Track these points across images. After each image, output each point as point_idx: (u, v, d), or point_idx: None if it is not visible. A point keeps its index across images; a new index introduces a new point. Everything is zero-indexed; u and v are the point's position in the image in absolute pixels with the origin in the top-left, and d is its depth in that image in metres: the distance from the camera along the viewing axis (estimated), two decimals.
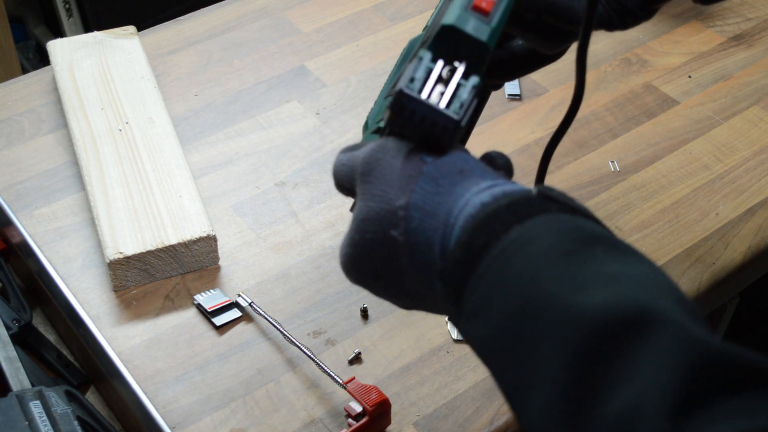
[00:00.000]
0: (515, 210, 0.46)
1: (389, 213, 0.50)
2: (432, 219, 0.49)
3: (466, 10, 0.52)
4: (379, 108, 0.67)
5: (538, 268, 0.43)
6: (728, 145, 1.00)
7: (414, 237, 0.50)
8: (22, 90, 1.06)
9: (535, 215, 0.46)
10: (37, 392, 0.70)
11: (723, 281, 0.87)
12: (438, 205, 0.49)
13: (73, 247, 0.87)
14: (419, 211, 0.49)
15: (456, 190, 0.49)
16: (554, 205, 0.47)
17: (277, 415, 0.74)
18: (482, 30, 0.53)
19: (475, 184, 0.49)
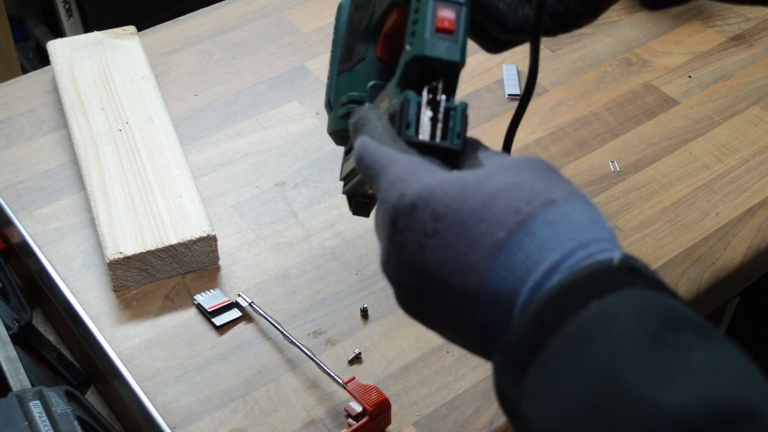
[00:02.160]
0: (595, 282, 0.41)
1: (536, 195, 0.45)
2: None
3: (432, 35, 0.52)
4: (336, 86, 0.67)
5: (618, 353, 0.38)
6: (728, 145, 1.00)
7: (530, 228, 0.44)
8: (22, 90, 1.06)
9: (618, 290, 0.41)
10: (37, 392, 0.70)
11: (723, 281, 0.87)
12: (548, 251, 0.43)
13: (73, 247, 0.87)
14: (532, 234, 0.44)
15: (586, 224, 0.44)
16: (638, 279, 0.42)
17: (277, 415, 0.74)
18: (453, 50, 0.53)
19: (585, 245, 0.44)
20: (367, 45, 0.65)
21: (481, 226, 0.45)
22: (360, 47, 0.65)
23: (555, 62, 1.11)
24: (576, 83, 1.08)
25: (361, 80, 0.65)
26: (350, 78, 0.65)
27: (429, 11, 0.52)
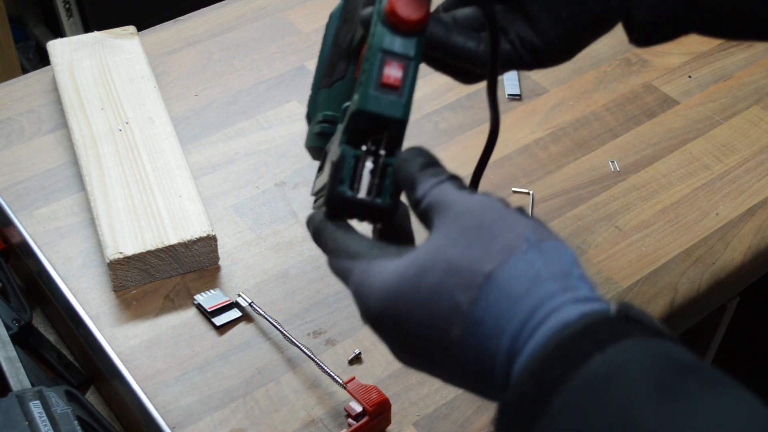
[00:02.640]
0: (595, 335, 0.40)
1: (466, 269, 0.44)
2: (512, 305, 0.43)
3: (376, 90, 0.51)
4: (315, 100, 0.66)
5: (628, 408, 0.37)
6: (728, 145, 1.00)
7: (480, 315, 0.44)
8: (22, 90, 1.06)
9: (618, 341, 0.40)
10: (37, 392, 0.70)
11: (723, 281, 0.87)
12: (524, 294, 0.43)
13: (73, 247, 0.87)
14: (501, 289, 0.43)
15: (547, 284, 0.43)
16: (637, 328, 0.41)
17: (277, 415, 0.74)
18: (396, 107, 0.52)
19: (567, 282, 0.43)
20: (347, 63, 0.63)
21: (436, 326, 0.45)
22: (341, 64, 0.63)
23: None
24: (576, 83, 1.08)
25: (337, 99, 0.62)
26: (329, 95, 0.64)
27: (376, 65, 0.51)
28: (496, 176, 0.96)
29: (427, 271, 0.45)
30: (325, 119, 0.63)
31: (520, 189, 0.95)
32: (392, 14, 0.50)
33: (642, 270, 0.87)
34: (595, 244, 0.89)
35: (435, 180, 0.49)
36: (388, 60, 0.51)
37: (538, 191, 0.94)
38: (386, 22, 0.51)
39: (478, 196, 0.47)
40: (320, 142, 0.63)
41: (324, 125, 0.63)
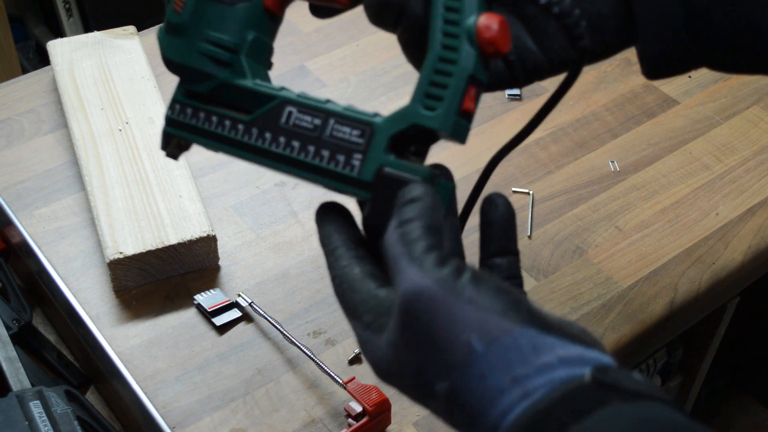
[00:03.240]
0: (570, 405, 0.39)
1: (428, 383, 0.44)
2: (473, 426, 0.42)
3: (457, 115, 0.49)
4: (197, 6, 0.56)
5: None
6: (728, 145, 1.01)
7: (452, 423, 0.44)
8: (22, 90, 1.06)
9: (594, 410, 0.39)
10: (37, 392, 0.70)
11: (723, 281, 0.87)
12: (481, 415, 0.42)
13: (73, 247, 0.87)
14: (461, 409, 0.43)
15: (502, 399, 0.42)
16: (613, 394, 0.40)
17: (277, 415, 0.74)
18: (465, 132, 0.50)
19: (521, 389, 0.41)
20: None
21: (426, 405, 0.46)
22: None
23: None
24: (576, 83, 1.08)
25: (238, 25, 0.55)
26: (225, 13, 0.55)
27: (461, 89, 0.48)
28: (496, 176, 0.96)
29: (400, 370, 0.46)
30: (221, 44, 0.55)
31: (520, 189, 0.95)
32: (489, 43, 0.48)
33: (642, 270, 0.87)
34: (595, 244, 0.89)
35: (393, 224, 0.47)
36: (470, 85, 0.49)
37: (538, 191, 0.94)
38: (476, 45, 0.48)
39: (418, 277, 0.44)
40: (202, 62, 0.55)
41: (218, 50, 0.55)
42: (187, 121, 0.56)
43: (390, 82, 1.09)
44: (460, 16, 0.48)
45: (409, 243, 0.45)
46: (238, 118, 0.54)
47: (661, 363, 1.08)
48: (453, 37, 0.48)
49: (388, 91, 1.07)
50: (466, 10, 0.48)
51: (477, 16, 0.48)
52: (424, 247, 0.44)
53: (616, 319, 0.82)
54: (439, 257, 0.44)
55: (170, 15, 0.57)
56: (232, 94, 0.55)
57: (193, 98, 0.56)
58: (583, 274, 0.86)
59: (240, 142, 0.54)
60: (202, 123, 0.56)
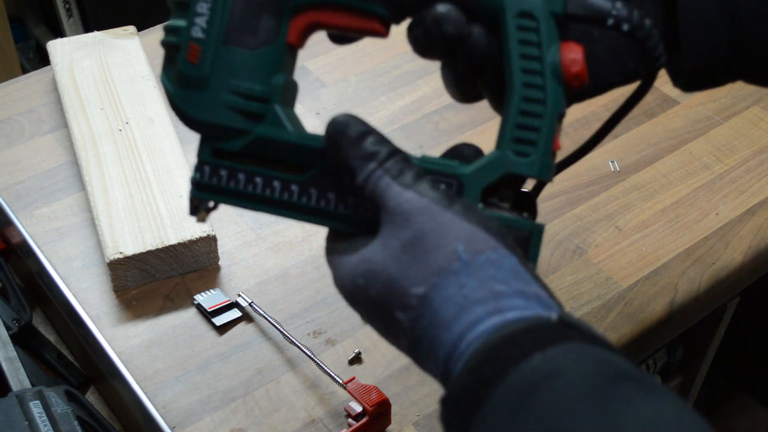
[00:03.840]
0: (535, 336, 0.41)
1: (402, 291, 0.44)
2: (442, 331, 0.43)
3: (550, 157, 0.47)
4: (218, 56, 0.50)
5: (564, 407, 0.38)
6: (728, 145, 1.00)
7: (418, 334, 0.45)
8: (22, 90, 1.06)
9: (558, 342, 0.40)
10: (37, 392, 0.70)
11: (723, 281, 0.87)
12: (452, 320, 0.43)
13: (73, 247, 0.87)
14: (433, 314, 0.44)
15: (475, 309, 0.43)
16: (576, 334, 0.41)
17: (277, 415, 0.74)
18: (551, 170, 0.48)
19: (495, 304, 0.43)
20: (277, 21, 0.49)
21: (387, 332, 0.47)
22: (268, 21, 0.49)
23: None
24: None
25: (266, 70, 0.50)
26: (250, 59, 0.49)
27: (552, 130, 0.46)
28: None
29: (372, 282, 0.46)
30: (251, 95, 0.50)
31: None
32: (575, 77, 0.45)
33: (642, 270, 0.87)
34: (595, 244, 0.89)
35: (373, 165, 0.46)
36: (558, 122, 0.46)
37: None
38: (563, 81, 0.45)
39: (413, 197, 0.45)
40: (232, 119, 0.50)
41: (242, 100, 0.50)
42: (223, 185, 0.50)
43: (390, 82, 1.09)
44: (540, 51, 0.45)
45: (397, 175, 0.46)
46: (289, 179, 0.49)
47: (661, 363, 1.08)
48: (536, 74, 0.45)
49: (388, 91, 1.07)
50: (544, 43, 0.45)
51: (558, 49, 0.45)
52: (413, 175, 0.46)
53: (616, 319, 0.82)
54: (431, 181, 0.46)
55: (185, 68, 0.50)
56: (270, 149, 0.49)
57: (223, 157, 0.50)
58: (583, 274, 0.86)
59: (296, 204, 0.49)
60: (243, 186, 0.50)
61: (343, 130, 0.47)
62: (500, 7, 0.45)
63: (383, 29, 0.50)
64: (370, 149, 0.46)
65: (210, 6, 0.49)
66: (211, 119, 0.50)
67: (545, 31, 0.45)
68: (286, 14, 0.49)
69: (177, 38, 0.50)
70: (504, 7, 0.45)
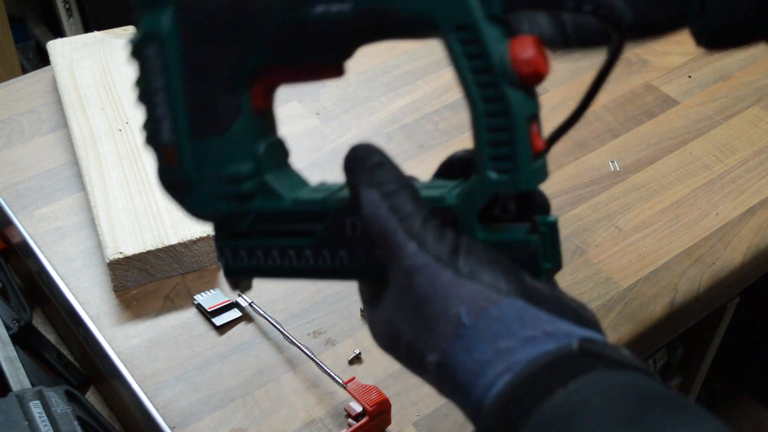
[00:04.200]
0: (557, 370, 0.40)
1: (420, 355, 0.45)
2: (463, 396, 0.43)
3: (533, 162, 0.44)
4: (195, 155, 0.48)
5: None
6: (728, 145, 1.00)
7: (445, 393, 0.45)
8: (22, 90, 1.06)
9: (580, 375, 0.39)
10: (37, 392, 0.70)
11: (723, 281, 0.87)
12: (470, 385, 0.42)
13: (73, 247, 0.87)
14: (451, 379, 0.43)
15: (487, 372, 0.42)
16: (599, 362, 0.40)
17: (277, 415, 0.74)
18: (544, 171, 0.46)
19: (504, 362, 0.42)
20: (235, 98, 0.47)
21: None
22: (228, 99, 0.48)
23: (555, 62, 1.11)
24: (576, 83, 1.08)
25: (243, 146, 0.48)
26: (225, 144, 0.48)
27: (526, 136, 0.43)
28: None
29: (395, 343, 0.46)
30: (242, 175, 0.48)
31: None
32: (532, 75, 0.43)
33: (642, 270, 0.87)
34: (595, 244, 0.89)
35: (377, 196, 0.45)
36: (531, 125, 0.44)
37: None
38: (519, 82, 0.43)
39: (415, 252, 0.44)
40: (231, 205, 0.49)
41: (232, 187, 0.48)
42: (247, 265, 0.51)
43: (390, 82, 1.09)
44: (488, 61, 0.42)
45: (404, 217, 0.44)
46: (301, 245, 0.49)
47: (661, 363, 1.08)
48: (490, 86, 0.43)
49: (388, 92, 1.07)
50: (490, 52, 0.42)
51: (506, 52, 0.42)
52: (421, 221, 0.44)
53: (616, 319, 0.82)
54: (437, 232, 0.44)
55: (168, 174, 0.50)
56: (274, 220, 0.49)
57: (238, 238, 0.50)
58: (583, 274, 0.86)
59: (316, 268, 0.49)
60: (264, 261, 0.50)
61: (361, 156, 0.46)
62: (434, 25, 0.43)
63: (337, 72, 0.50)
64: (379, 179, 0.45)
65: (167, 107, 0.48)
66: (210, 212, 0.50)
67: (488, 38, 0.42)
68: (241, 88, 0.48)
69: (152, 145, 0.50)
70: (439, 26, 0.43)
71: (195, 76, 0.47)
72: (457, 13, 0.43)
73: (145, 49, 0.47)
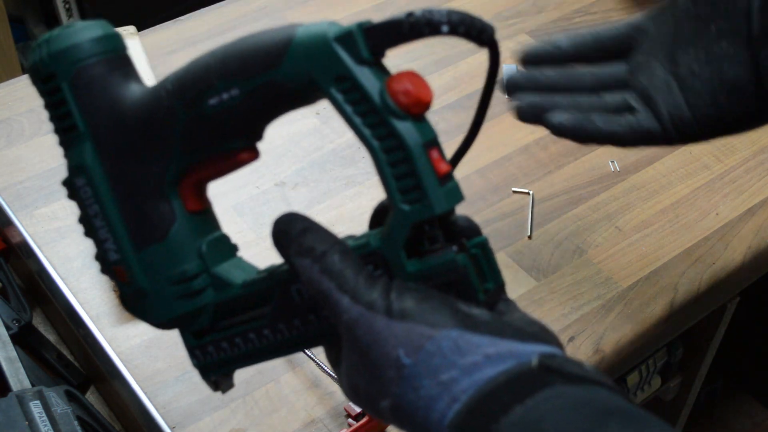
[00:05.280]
0: (514, 387, 0.40)
1: (376, 404, 0.45)
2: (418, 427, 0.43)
3: (440, 186, 0.45)
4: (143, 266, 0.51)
5: None
6: (728, 145, 1.00)
7: (407, 430, 0.45)
8: (22, 90, 1.06)
9: (537, 391, 0.40)
10: (37, 392, 0.70)
11: (723, 281, 0.87)
12: (424, 422, 0.43)
13: (73, 247, 0.87)
14: (409, 419, 0.44)
15: (436, 406, 0.42)
16: (558, 378, 0.41)
17: (277, 415, 0.74)
18: (458, 191, 0.47)
19: (450, 394, 0.42)
20: (166, 203, 0.50)
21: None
22: (162, 206, 0.50)
23: None
24: None
25: (185, 246, 0.50)
26: (166, 248, 0.50)
27: (424, 162, 0.44)
28: (496, 176, 0.96)
29: (355, 397, 0.47)
30: (190, 275, 0.50)
31: (520, 189, 0.95)
32: (414, 104, 0.44)
33: (642, 270, 0.87)
34: (595, 244, 0.89)
35: (308, 262, 0.46)
36: (430, 151, 0.45)
37: (538, 191, 0.94)
38: (401, 113, 0.44)
39: (348, 306, 0.45)
40: (188, 305, 0.51)
41: (183, 286, 0.50)
42: (218, 359, 0.53)
43: None
44: (370, 102, 0.45)
45: (335, 276, 0.45)
46: (259, 326, 0.50)
47: (661, 363, 1.08)
48: (379, 125, 0.45)
49: None
50: (368, 90, 0.45)
51: (384, 88, 0.45)
52: (352, 275, 0.45)
53: (616, 319, 0.82)
54: (368, 282, 0.45)
55: (124, 288, 0.52)
56: (231, 308, 0.51)
57: (203, 335, 0.52)
58: (583, 274, 0.86)
59: (277, 344, 0.51)
60: (231, 351, 0.52)
61: (285, 228, 0.48)
62: (316, 85, 0.46)
63: (253, 155, 0.51)
64: (307, 245, 0.47)
65: (107, 230, 0.51)
66: (169, 316, 0.51)
67: (363, 81, 0.45)
68: (170, 194, 0.50)
69: (105, 271, 0.52)
70: (319, 83, 0.46)
71: (124, 195, 0.50)
72: (331, 67, 0.45)
73: (75, 182, 0.51)
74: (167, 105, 0.48)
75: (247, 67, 0.47)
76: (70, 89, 0.50)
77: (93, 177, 0.50)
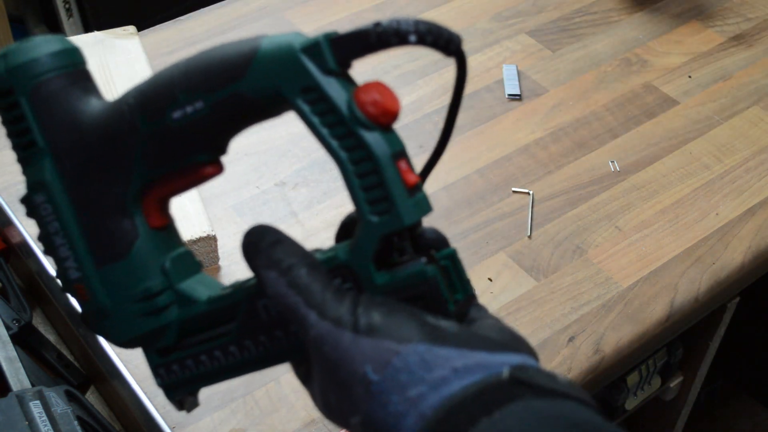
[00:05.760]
0: (482, 400, 0.40)
1: (347, 421, 0.45)
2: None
3: (409, 197, 0.45)
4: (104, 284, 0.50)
5: None
6: (728, 145, 1.01)
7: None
8: None
9: (506, 404, 0.39)
10: (37, 392, 0.70)
11: (723, 281, 0.87)
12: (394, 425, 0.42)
13: None
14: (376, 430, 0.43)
15: (405, 422, 0.42)
16: (528, 391, 0.40)
17: (277, 415, 0.74)
18: (426, 202, 0.46)
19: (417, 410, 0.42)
20: (129, 219, 0.49)
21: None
22: (123, 223, 0.49)
23: (555, 62, 1.11)
24: (576, 83, 1.08)
25: (148, 264, 0.49)
26: (129, 265, 0.49)
27: (393, 173, 0.44)
28: (496, 176, 0.96)
29: (328, 414, 0.46)
30: (154, 292, 0.49)
31: (520, 189, 0.95)
32: (382, 114, 0.44)
33: (642, 270, 0.87)
34: (595, 244, 0.89)
35: (274, 275, 0.46)
36: (398, 162, 0.44)
37: (538, 191, 0.94)
38: (369, 123, 0.44)
39: (315, 322, 0.44)
40: (152, 322, 0.50)
41: (146, 304, 0.49)
42: (183, 377, 0.51)
43: (390, 83, 1.09)
44: (336, 113, 0.44)
45: (302, 290, 0.45)
46: (225, 343, 0.49)
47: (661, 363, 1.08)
48: (346, 137, 0.44)
49: None
50: (335, 101, 0.44)
51: (352, 99, 0.44)
52: (320, 289, 0.45)
53: (616, 319, 0.82)
54: (335, 296, 0.44)
55: (85, 306, 0.50)
56: (196, 325, 0.50)
57: (167, 354, 0.51)
58: (583, 274, 0.86)
59: (244, 361, 0.50)
60: (196, 369, 0.51)
61: (255, 240, 0.47)
62: (282, 97, 0.45)
63: (217, 169, 0.50)
64: (276, 257, 0.46)
65: (68, 247, 0.50)
66: (133, 334, 0.50)
67: (330, 92, 0.44)
68: (133, 210, 0.49)
69: (66, 289, 0.51)
70: (285, 95, 0.45)
71: (85, 211, 0.49)
72: (297, 78, 0.44)
73: (34, 199, 0.51)
74: (129, 119, 0.47)
75: (211, 79, 0.46)
76: (29, 104, 0.49)
77: (53, 194, 0.50)
